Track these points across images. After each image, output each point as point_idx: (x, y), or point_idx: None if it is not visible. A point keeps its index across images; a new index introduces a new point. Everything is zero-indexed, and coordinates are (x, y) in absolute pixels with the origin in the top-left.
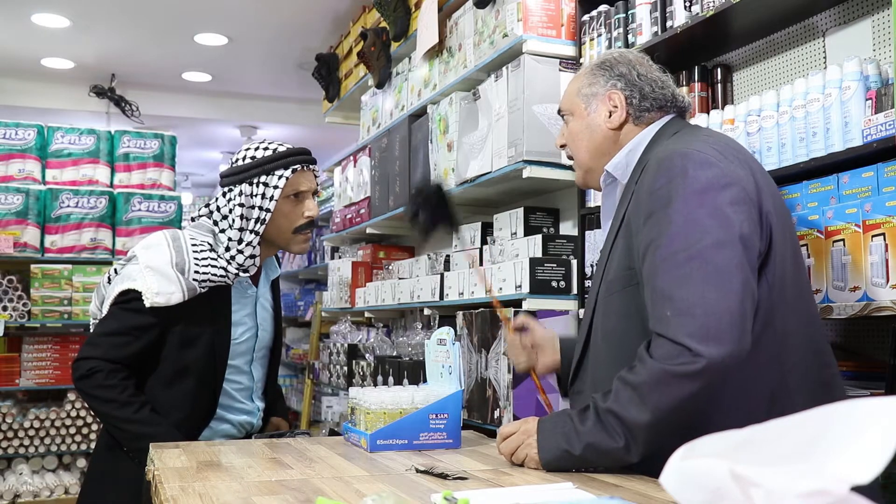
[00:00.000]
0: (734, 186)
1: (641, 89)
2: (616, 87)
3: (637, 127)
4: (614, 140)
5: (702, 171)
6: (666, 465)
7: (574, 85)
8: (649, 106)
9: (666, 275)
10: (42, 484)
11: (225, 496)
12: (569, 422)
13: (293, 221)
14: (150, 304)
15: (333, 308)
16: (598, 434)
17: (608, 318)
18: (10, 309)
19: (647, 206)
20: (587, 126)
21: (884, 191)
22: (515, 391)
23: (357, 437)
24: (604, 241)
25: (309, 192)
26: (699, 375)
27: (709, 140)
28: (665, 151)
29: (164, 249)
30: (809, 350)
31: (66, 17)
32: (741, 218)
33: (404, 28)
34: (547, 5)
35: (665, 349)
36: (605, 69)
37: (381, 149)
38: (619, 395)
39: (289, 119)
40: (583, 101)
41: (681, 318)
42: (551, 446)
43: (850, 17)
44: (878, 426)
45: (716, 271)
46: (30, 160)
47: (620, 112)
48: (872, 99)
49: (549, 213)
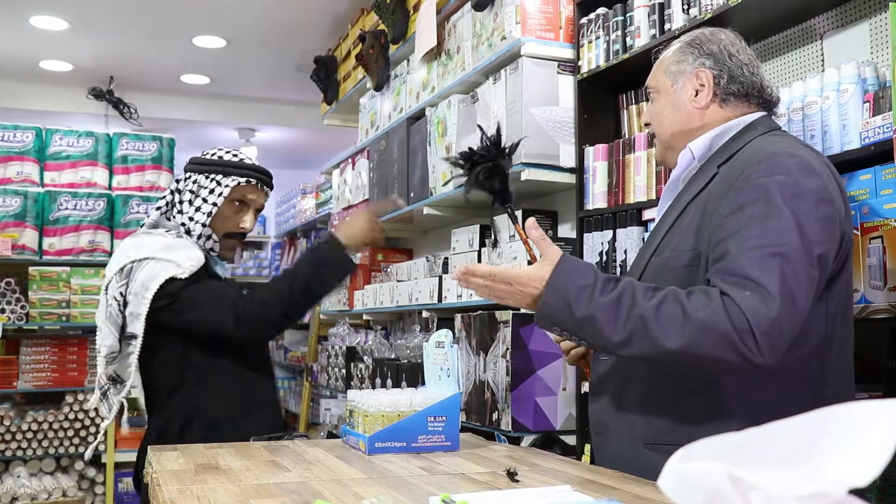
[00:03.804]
0: (829, 204)
1: (731, 70)
2: (704, 66)
3: (722, 110)
4: (699, 120)
5: (806, 179)
6: (664, 468)
7: (662, 61)
8: (737, 90)
9: (750, 263)
10: (40, 487)
11: (223, 499)
12: (591, 275)
13: (228, 226)
14: (188, 272)
15: (332, 310)
16: (606, 313)
17: None
18: (7, 311)
19: (739, 193)
20: (672, 103)
21: (881, 193)
22: (514, 394)
23: (355, 439)
24: (660, 216)
25: (252, 207)
26: (744, 366)
27: (812, 151)
28: (771, 147)
29: (155, 238)
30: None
31: (64, 19)
32: (826, 237)
33: (403, 30)
34: (545, 8)
35: (735, 314)
36: (696, 46)
37: (379, 151)
38: (665, 306)
39: (287, 121)
40: (669, 78)
41: (758, 303)
42: (558, 295)
43: (847, 19)
44: (876, 429)
45: (794, 275)
46: (28, 162)
47: (707, 91)
48: (870, 101)
49: (548, 215)
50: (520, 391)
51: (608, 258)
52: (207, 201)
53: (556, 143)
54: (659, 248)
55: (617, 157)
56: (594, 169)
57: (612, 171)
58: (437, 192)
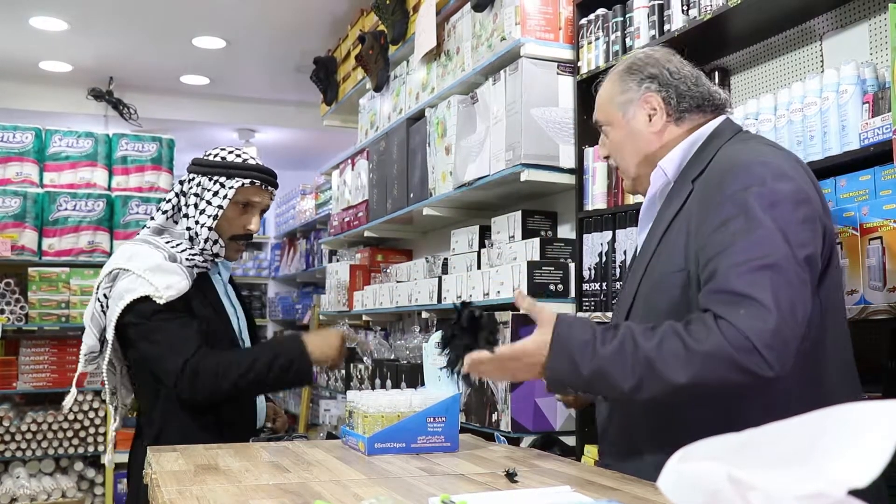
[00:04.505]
0: (807, 205)
1: (677, 88)
2: (650, 90)
3: (679, 128)
4: (658, 142)
5: (780, 184)
6: (664, 469)
7: (605, 94)
8: (688, 105)
9: (740, 279)
10: (39, 487)
11: (222, 499)
12: (589, 330)
13: (233, 229)
14: (165, 300)
15: (331, 311)
16: (611, 364)
17: (649, 317)
18: (7, 312)
19: (718, 209)
20: (629, 133)
21: (881, 194)
22: (513, 394)
23: (355, 440)
24: (642, 238)
25: (258, 208)
26: (757, 382)
27: (779, 152)
28: (741, 155)
29: (149, 251)
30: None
31: (64, 20)
32: (810, 238)
33: (402, 31)
34: (545, 9)
35: (734, 337)
36: (635, 72)
37: (378, 152)
38: (666, 344)
39: (287, 122)
40: (619, 110)
41: (754, 319)
42: (563, 357)
43: (847, 20)
44: (876, 429)
45: (787, 284)
46: (27, 163)
47: (660, 114)
48: (869, 103)
49: (547, 216)
50: (519, 392)
51: (607, 259)
52: (212, 204)
53: (555, 144)
54: (648, 271)
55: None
56: (594, 170)
57: (611, 171)
58: (436, 193)
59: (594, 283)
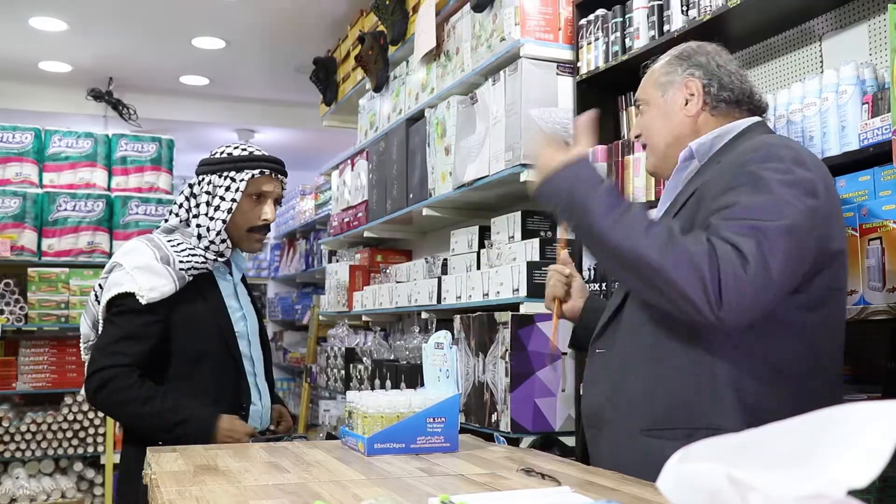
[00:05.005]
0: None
1: (720, 79)
2: (693, 76)
3: (714, 118)
4: (691, 128)
5: (798, 169)
6: (663, 469)
7: (651, 74)
8: (727, 97)
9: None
10: (38, 488)
11: (222, 500)
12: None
13: (249, 220)
14: (147, 301)
15: (331, 312)
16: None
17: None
18: (6, 312)
19: (732, 179)
20: (663, 113)
21: (880, 195)
22: (512, 395)
23: (354, 440)
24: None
25: (270, 198)
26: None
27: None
28: (767, 140)
29: (144, 249)
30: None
31: (63, 20)
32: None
33: (402, 32)
34: (544, 9)
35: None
36: (683, 59)
37: (378, 152)
38: (656, 226)
39: (286, 122)
40: (659, 90)
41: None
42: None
43: (846, 21)
44: (875, 430)
45: (772, 249)
46: (27, 163)
47: (697, 100)
48: (869, 103)
49: (547, 216)
50: (519, 392)
51: None
52: (226, 199)
53: None
54: None
55: (616, 159)
56: None
57: (611, 172)
58: (436, 194)
59: (594, 283)
